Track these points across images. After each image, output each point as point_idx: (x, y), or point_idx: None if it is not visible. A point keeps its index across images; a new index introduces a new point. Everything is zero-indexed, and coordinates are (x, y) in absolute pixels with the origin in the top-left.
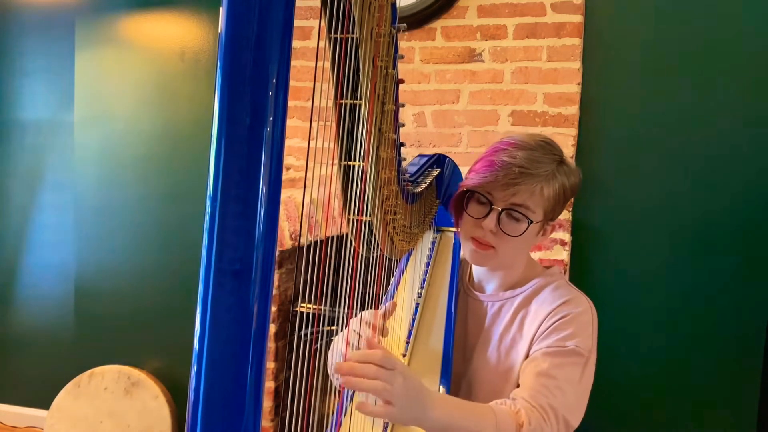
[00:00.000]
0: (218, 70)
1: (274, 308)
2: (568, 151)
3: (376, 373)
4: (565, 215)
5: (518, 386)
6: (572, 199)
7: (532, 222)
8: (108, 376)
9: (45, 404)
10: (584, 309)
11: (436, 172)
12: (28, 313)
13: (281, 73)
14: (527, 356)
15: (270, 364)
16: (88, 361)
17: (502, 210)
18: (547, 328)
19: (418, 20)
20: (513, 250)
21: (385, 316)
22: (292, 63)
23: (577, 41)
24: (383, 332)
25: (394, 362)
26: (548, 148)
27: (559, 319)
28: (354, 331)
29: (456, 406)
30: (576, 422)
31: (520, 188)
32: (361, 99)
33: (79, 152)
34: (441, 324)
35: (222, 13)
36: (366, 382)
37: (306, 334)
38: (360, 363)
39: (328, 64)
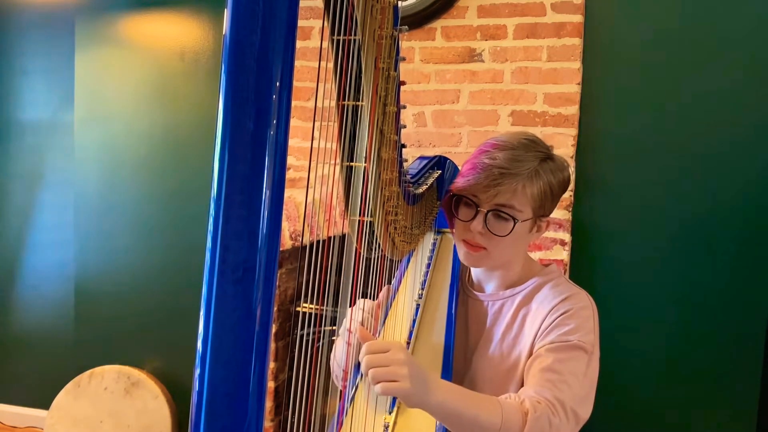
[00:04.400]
0: (222, 74)
1: (274, 308)
2: (568, 151)
3: (367, 362)
4: (565, 215)
5: (522, 385)
6: (572, 199)
7: (518, 221)
8: (108, 376)
9: (45, 404)
10: (585, 304)
11: (436, 173)
12: (28, 314)
13: (285, 76)
14: (530, 354)
15: (270, 364)
16: (88, 361)
17: (488, 211)
18: (549, 325)
19: (418, 20)
20: (505, 249)
21: (381, 304)
22: None
23: (577, 41)
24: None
25: (385, 345)
26: (531, 146)
27: (560, 315)
28: (352, 326)
29: (461, 393)
30: (585, 414)
31: (500, 189)
32: (363, 100)
33: (79, 152)
34: (442, 324)
35: (226, 15)
36: (370, 376)
37: (307, 334)
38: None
39: (327, 65)
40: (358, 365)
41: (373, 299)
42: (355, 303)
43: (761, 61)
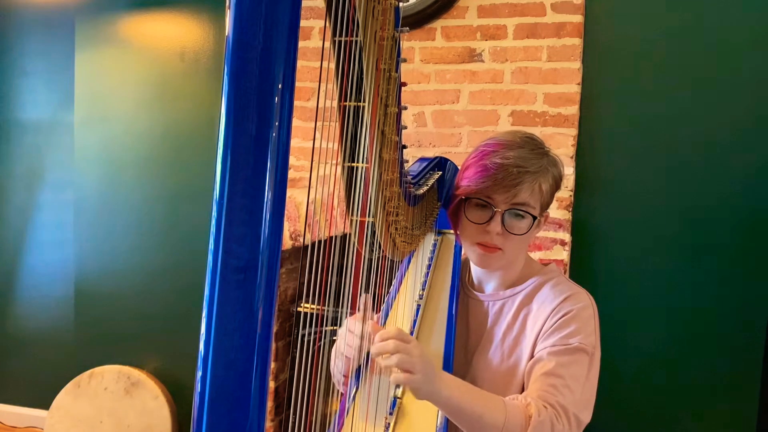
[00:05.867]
0: (225, 75)
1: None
2: (568, 151)
3: (396, 346)
4: (565, 215)
5: (524, 387)
6: (572, 199)
7: (536, 218)
8: (108, 376)
9: (45, 404)
10: (585, 304)
11: (437, 174)
12: (28, 314)
13: (287, 77)
14: (532, 355)
15: (271, 365)
16: (88, 361)
17: (506, 211)
18: (550, 327)
19: (418, 20)
20: (518, 247)
21: (364, 318)
22: None
23: (577, 41)
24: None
25: (410, 337)
26: (533, 143)
27: (562, 317)
28: (349, 346)
29: (468, 390)
30: (587, 418)
31: (521, 188)
32: (364, 101)
33: (79, 152)
34: (442, 325)
35: (229, 16)
36: (388, 358)
37: (308, 334)
38: (380, 342)
39: (328, 65)
40: (357, 371)
41: (373, 304)
42: (355, 305)
43: (762, 60)
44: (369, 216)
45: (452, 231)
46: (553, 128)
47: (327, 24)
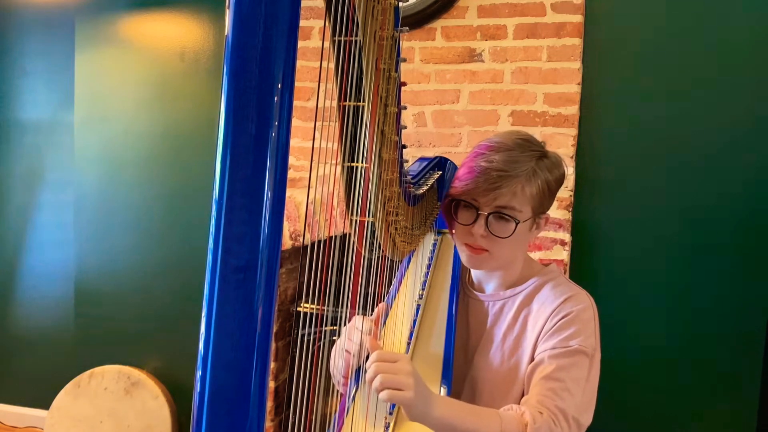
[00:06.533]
0: (224, 74)
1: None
2: (568, 151)
3: (376, 369)
4: (565, 215)
5: (524, 389)
6: (572, 199)
7: (519, 222)
8: (108, 376)
9: (45, 404)
10: (585, 306)
11: (437, 174)
12: (28, 313)
13: (286, 77)
14: (532, 356)
15: (270, 364)
16: (88, 361)
17: (489, 214)
18: (550, 329)
19: (418, 20)
20: (507, 250)
21: (377, 321)
22: None
23: (577, 41)
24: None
25: (397, 355)
26: (527, 145)
27: (561, 319)
28: (350, 339)
29: (461, 408)
30: (587, 421)
31: (501, 191)
32: (364, 101)
33: (79, 152)
34: (442, 325)
35: (228, 16)
36: (375, 383)
37: (308, 334)
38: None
39: (328, 65)
40: (357, 372)
41: (373, 303)
42: (355, 305)
43: (762, 60)
44: (369, 216)
45: (451, 232)
46: (553, 128)
47: (326, 24)
